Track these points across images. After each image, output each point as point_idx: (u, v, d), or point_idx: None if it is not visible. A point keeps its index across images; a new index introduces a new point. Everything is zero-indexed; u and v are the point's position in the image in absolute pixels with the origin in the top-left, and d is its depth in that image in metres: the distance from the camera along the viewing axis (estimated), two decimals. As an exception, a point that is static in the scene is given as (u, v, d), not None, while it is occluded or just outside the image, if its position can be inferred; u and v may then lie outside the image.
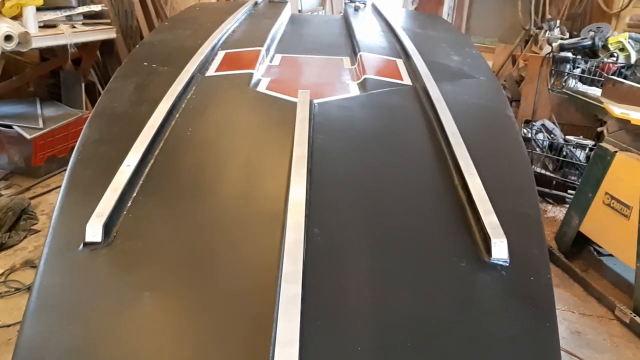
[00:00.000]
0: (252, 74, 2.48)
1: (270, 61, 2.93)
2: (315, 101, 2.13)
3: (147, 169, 1.72)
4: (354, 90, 2.44)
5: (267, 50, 2.97)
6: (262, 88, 2.40)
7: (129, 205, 1.57)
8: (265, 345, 1.10)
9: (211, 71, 2.57)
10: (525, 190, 1.81)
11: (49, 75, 5.73)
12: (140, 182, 1.66)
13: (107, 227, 1.45)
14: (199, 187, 1.69)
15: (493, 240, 1.44)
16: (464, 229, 1.54)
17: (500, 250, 1.43)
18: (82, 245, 1.42)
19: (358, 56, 2.88)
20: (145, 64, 2.71)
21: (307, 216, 1.42)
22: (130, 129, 1.97)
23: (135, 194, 1.61)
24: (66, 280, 1.35)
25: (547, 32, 5.19)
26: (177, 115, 2.07)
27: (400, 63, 2.85)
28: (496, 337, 1.27)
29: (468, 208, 1.61)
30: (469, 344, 1.24)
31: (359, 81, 2.54)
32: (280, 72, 2.73)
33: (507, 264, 1.43)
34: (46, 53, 5.34)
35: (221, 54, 2.81)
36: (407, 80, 2.58)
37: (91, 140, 1.98)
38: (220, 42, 2.98)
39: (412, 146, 2.00)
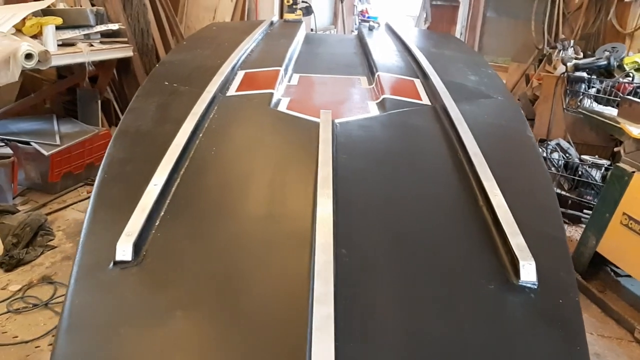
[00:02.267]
0: (272, 94, 2.51)
1: (289, 81, 2.96)
2: (337, 121, 2.15)
3: (173, 189, 1.74)
4: (373, 110, 2.46)
5: (286, 70, 3.01)
6: (282, 108, 2.42)
7: (157, 224, 1.58)
8: (300, 367, 1.10)
9: (232, 91, 2.60)
10: (549, 212, 1.81)
11: (65, 93, 5.81)
12: (167, 202, 1.68)
13: (137, 246, 1.46)
14: (225, 206, 1.70)
15: (521, 263, 1.44)
16: (490, 251, 1.55)
17: (528, 273, 1.43)
18: (112, 264, 1.43)
19: (376, 76, 2.91)
20: (167, 83, 2.74)
21: (335, 237, 1.42)
22: (155, 149, 2.00)
23: (162, 213, 1.63)
24: (98, 298, 1.36)
25: (561, 51, 5.21)
26: (201, 135, 2.09)
27: (418, 83, 2.86)
28: (528, 359, 1.26)
29: (494, 229, 1.61)
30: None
31: (378, 101, 2.56)
32: (299, 92, 2.75)
33: (536, 287, 1.43)
34: (63, 71, 5.42)
35: (241, 74, 2.84)
36: (425, 100, 2.60)
37: (116, 159, 2.00)
38: (240, 62, 3.02)
39: (435, 166, 2.01)
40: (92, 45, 4.91)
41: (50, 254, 3.96)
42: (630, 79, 4.26)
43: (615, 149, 3.95)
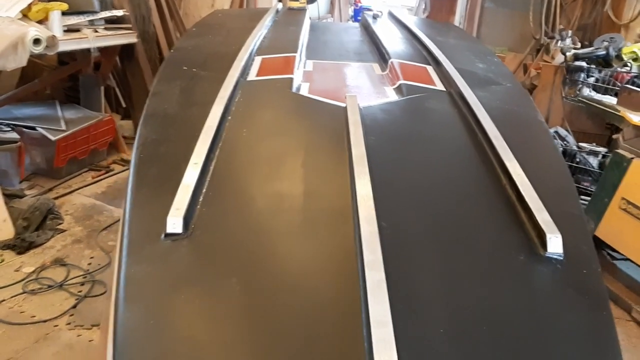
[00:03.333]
0: (292, 79, 2.58)
1: (304, 67, 3.03)
2: (361, 105, 2.23)
3: (212, 167, 1.81)
4: (392, 95, 2.55)
5: (300, 56, 3.07)
6: (304, 92, 2.50)
7: (200, 200, 1.66)
8: (357, 327, 1.19)
9: (252, 76, 2.66)
10: (567, 191, 1.92)
11: (66, 79, 5.81)
12: (208, 179, 1.75)
13: (186, 220, 1.53)
14: (264, 183, 1.78)
15: (548, 236, 1.54)
16: (517, 226, 1.64)
17: (555, 245, 1.53)
18: (163, 236, 1.51)
19: (389, 62, 2.99)
20: (185, 68, 2.80)
21: (376, 210, 1.51)
22: (188, 130, 2.06)
23: (205, 190, 1.70)
24: (153, 268, 1.43)
25: (559, 41, 5.32)
26: (230, 118, 2.16)
27: (430, 69, 2.95)
28: (559, 324, 1.36)
29: (519, 206, 1.71)
30: (535, 331, 1.33)
31: (395, 86, 2.64)
32: (317, 78, 2.83)
33: (562, 258, 1.53)
34: (64, 57, 5.41)
35: (258, 60, 2.91)
36: (440, 86, 2.69)
37: (150, 140, 2.06)
38: (255, 48, 3.08)
39: (457, 148, 2.10)
40: (96, 31, 4.92)
41: (60, 237, 4.02)
42: (629, 68, 4.38)
43: (614, 136, 4.07)
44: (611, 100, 4.15)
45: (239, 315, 1.33)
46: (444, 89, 2.63)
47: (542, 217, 1.60)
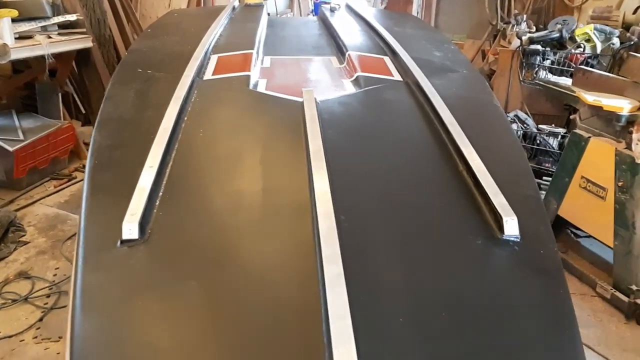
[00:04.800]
0: (249, 76, 2.56)
1: (262, 63, 3.01)
2: (318, 99, 2.22)
3: (168, 169, 1.79)
4: (349, 88, 2.55)
5: (257, 52, 3.06)
6: (261, 89, 2.48)
7: (157, 203, 1.64)
8: (317, 321, 1.19)
9: (208, 75, 2.64)
10: (523, 173, 1.95)
11: (22, 87, 5.67)
12: (164, 182, 1.73)
13: (142, 225, 1.51)
14: (222, 183, 1.77)
15: (505, 219, 1.56)
16: (474, 210, 1.67)
17: (511, 227, 1.56)
18: (119, 243, 1.48)
19: (347, 55, 2.99)
20: (140, 70, 2.75)
21: (333, 204, 1.51)
22: (142, 133, 2.04)
23: (161, 193, 1.68)
24: (110, 275, 1.41)
25: (515, 26, 5.40)
26: (186, 118, 2.13)
27: (387, 60, 2.96)
28: (518, 304, 1.39)
29: (476, 191, 1.73)
30: (494, 312, 1.36)
31: (353, 79, 2.65)
32: (274, 74, 2.81)
33: (518, 240, 1.56)
34: (18, 65, 5.28)
35: (214, 58, 2.88)
36: (397, 76, 2.70)
37: (104, 145, 2.03)
38: (211, 46, 3.05)
39: (415, 137, 2.12)
40: (50, 37, 4.81)
41: (23, 249, 3.92)
42: (582, 49, 4.47)
43: (572, 117, 4.15)
44: (567, 81, 4.23)
45: (198, 317, 1.32)
46: (401, 79, 2.65)
47: (499, 200, 1.62)
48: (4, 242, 3.93)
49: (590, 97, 3.45)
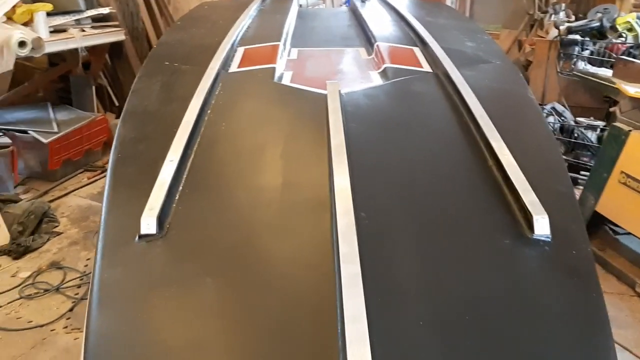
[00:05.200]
0: (274, 68, 2.52)
1: (288, 55, 2.96)
2: (343, 91, 2.17)
3: (189, 163, 1.77)
4: (376, 80, 2.48)
5: (284, 44, 3.01)
6: (286, 81, 2.44)
7: (177, 198, 1.62)
8: (332, 323, 1.15)
9: (234, 67, 2.61)
10: (556, 169, 1.86)
11: (57, 80, 5.77)
12: (185, 176, 1.71)
13: (160, 220, 1.49)
14: (242, 177, 1.74)
15: (535, 217, 1.49)
16: (503, 208, 1.59)
17: (542, 227, 1.48)
18: (137, 237, 1.47)
19: (375, 46, 2.92)
20: (167, 63, 2.75)
21: (353, 201, 1.46)
22: (166, 127, 2.02)
23: (181, 188, 1.66)
24: (127, 271, 1.40)
25: (552, 15, 5.22)
26: (209, 112, 2.11)
27: (417, 51, 2.88)
28: (548, 308, 1.32)
29: (505, 187, 1.66)
30: (522, 316, 1.29)
31: (380, 70, 2.58)
32: (300, 66, 2.77)
33: (549, 239, 1.48)
34: (54, 58, 5.38)
35: (240, 50, 2.85)
36: (426, 67, 2.62)
37: (128, 139, 2.02)
38: (238, 38, 3.02)
39: (442, 130, 2.04)
40: (83, 31, 4.88)
41: (56, 240, 3.99)
42: (624, 39, 4.29)
43: (611, 109, 3.99)
44: (607, 72, 4.07)
45: (214, 314, 1.30)
46: (431, 71, 2.57)
47: (529, 198, 1.55)
48: (38, 232, 4.01)
49: (631, 89, 3.30)
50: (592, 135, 4.25)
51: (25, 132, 4.77)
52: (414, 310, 1.24)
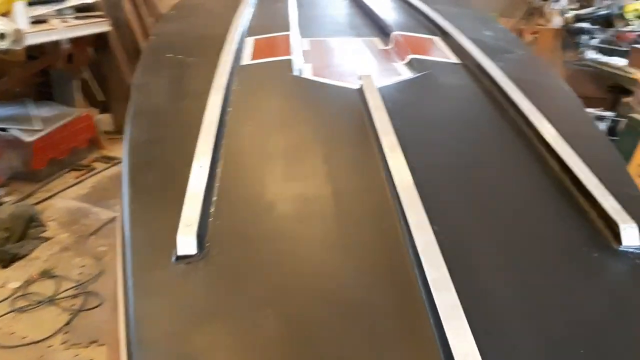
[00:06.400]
0: (290, 60, 2.32)
1: (302, 46, 2.76)
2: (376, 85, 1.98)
3: (219, 169, 1.56)
4: (404, 72, 2.30)
5: (296, 34, 2.81)
6: (307, 75, 2.24)
7: (211, 210, 1.41)
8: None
9: (246, 60, 2.40)
10: (620, 171, 1.71)
11: (37, 74, 5.45)
12: (217, 184, 1.50)
13: (199, 238, 1.29)
14: (282, 185, 1.53)
15: (622, 226, 1.32)
16: (581, 216, 1.43)
17: (630, 236, 1.32)
18: (174, 259, 1.26)
19: (392, 36, 2.74)
20: (170, 55, 2.53)
21: (425, 211, 1.28)
22: (183, 127, 1.83)
23: (215, 198, 1.46)
24: (169, 301, 1.19)
25: (553, 3, 5.10)
26: (230, 109, 1.90)
27: (438, 41, 2.71)
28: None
29: (577, 192, 1.49)
30: (629, 335, 1.13)
31: (406, 62, 2.40)
32: (318, 57, 2.56)
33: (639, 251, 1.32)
34: (33, 51, 5.05)
35: (250, 41, 2.64)
36: (453, 58, 2.45)
37: (141, 141, 1.81)
38: (245, 28, 2.81)
39: (493, 127, 1.87)
40: (66, 21, 4.59)
41: (45, 246, 3.74)
42: (634, 27, 4.17)
43: (624, 100, 3.88)
44: (619, 61, 3.94)
45: (273, 352, 1.10)
46: (459, 62, 2.40)
47: (610, 204, 1.39)
48: (25, 238, 3.75)
49: (651, 79, 3.18)
50: (602, 126, 4.13)
51: (4, 130, 4.47)
52: (525, 343, 1.06)
